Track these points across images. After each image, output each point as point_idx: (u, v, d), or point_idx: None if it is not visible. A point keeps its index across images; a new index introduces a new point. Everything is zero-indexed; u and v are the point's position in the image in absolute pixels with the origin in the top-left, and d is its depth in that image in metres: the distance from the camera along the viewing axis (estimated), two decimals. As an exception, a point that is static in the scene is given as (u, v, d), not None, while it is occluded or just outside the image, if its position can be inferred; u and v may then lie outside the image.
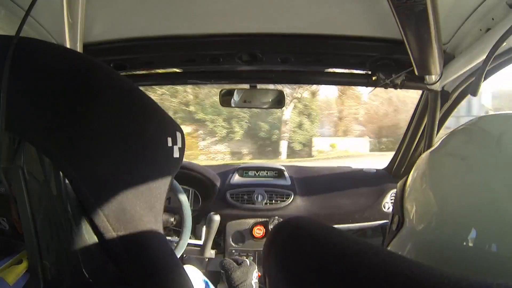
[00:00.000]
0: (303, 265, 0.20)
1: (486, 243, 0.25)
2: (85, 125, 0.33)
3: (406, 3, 0.50)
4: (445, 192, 0.30)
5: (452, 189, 0.30)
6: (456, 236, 0.27)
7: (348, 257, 0.19)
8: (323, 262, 0.20)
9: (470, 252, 0.26)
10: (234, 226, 1.27)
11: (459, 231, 0.27)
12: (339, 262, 0.19)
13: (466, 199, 0.28)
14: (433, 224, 0.30)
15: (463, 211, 0.28)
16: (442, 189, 0.31)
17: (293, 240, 0.23)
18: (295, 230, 0.24)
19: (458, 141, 0.35)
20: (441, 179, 0.32)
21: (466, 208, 0.28)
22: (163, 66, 1.09)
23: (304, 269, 0.20)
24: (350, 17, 0.86)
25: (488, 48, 0.63)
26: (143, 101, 0.38)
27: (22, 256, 0.35)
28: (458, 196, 0.29)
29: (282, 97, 1.16)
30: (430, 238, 0.29)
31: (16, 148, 0.32)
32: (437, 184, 0.32)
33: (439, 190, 0.31)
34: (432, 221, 0.30)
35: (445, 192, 0.30)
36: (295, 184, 1.33)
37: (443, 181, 0.31)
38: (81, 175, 0.33)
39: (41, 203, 0.33)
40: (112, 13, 0.85)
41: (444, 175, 0.32)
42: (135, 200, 0.36)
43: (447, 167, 0.32)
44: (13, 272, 0.34)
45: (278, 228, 0.26)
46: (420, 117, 1.25)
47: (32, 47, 0.34)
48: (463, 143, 0.34)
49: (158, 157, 0.38)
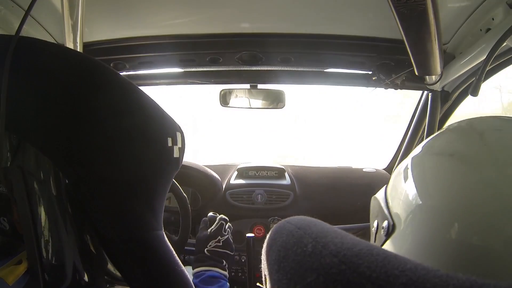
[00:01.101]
0: (304, 264, 0.20)
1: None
2: (84, 125, 0.33)
3: (406, 3, 0.50)
4: (439, 190, 0.31)
5: (446, 186, 0.31)
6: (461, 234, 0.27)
7: (349, 257, 0.19)
8: (324, 261, 0.19)
9: (458, 247, 0.27)
10: (234, 226, 1.26)
11: (460, 227, 0.28)
12: (340, 262, 0.19)
13: (465, 193, 0.29)
14: (430, 224, 0.30)
15: (465, 205, 0.28)
16: (434, 188, 0.32)
17: (294, 239, 0.23)
18: (296, 229, 0.24)
19: (444, 141, 0.37)
20: (432, 178, 0.33)
21: (468, 202, 0.28)
22: (163, 66, 1.09)
23: (305, 269, 0.20)
24: (350, 17, 0.86)
25: (488, 48, 0.63)
26: (143, 101, 0.38)
27: (22, 257, 0.35)
28: (455, 192, 0.30)
29: (282, 97, 1.15)
30: (431, 238, 0.29)
31: (16, 148, 0.32)
32: (428, 184, 0.33)
33: (431, 190, 0.32)
34: (429, 221, 0.30)
35: (439, 190, 0.31)
36: (295, 184, 1.33)
37: (435, 180, 0.32)
38: (81, 175, 0.33)
39: (41, 203, 0.33)
40: (112, 13, 0.85)
41: (435, 174, 0.33)
42: (135, 200, 0.36)
43: (437, 166, 0.33)
44: (13, 273, 0.34)
45: (279, 228, 0.26)
46: (420, 117, 1.25)
47: (32, 47, 0.34)
48: (449, 142, 0.36)
49: (158, 157, 0.38)
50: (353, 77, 1.10)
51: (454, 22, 0.81)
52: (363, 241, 0.21)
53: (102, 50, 0.97)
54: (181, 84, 1.17)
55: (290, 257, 0.22)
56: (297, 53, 1.00)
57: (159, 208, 0.39)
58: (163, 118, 0.40)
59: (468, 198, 0.28)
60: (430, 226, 0.30)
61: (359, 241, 0.21)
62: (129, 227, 0.36)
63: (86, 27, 0.81)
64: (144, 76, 1.12)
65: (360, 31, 0.91)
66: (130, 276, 0.38)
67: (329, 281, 0.18)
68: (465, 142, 0.34)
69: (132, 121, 0.36)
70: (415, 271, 0.17)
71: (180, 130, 0.42)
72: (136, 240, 0.36)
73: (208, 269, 0.70)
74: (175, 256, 0.40)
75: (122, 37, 0.95)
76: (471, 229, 0.27)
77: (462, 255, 0.27)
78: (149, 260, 0.37)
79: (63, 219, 0.34)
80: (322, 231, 0.22)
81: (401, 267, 0.17)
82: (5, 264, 0.35)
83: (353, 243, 0.20)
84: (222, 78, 1.12)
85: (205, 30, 0.93)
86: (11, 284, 0.33)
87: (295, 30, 0.93)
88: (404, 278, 0.17)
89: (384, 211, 0.36)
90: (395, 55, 0.97)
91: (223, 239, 0.75)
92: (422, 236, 0.30)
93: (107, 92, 0.35)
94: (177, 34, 0.94)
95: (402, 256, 0.19)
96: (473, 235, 0.27)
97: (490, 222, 0.27)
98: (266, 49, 0.98)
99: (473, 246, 0.27)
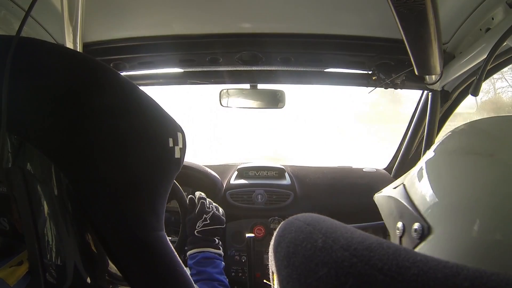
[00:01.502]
0: (315, 259, 0.21)
1: None
2: (85, 125, 0.33)
3: (406, 3, 0.50)
4: (478, 189, 0.30)
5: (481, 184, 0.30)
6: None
7: (360, 250, 0.19)
8: (335, 255, 0.20)
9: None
10: (234, 226, 1.27)
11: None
12: (352, 255, 0.19)
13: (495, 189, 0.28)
14: (469, 223, 0.29)
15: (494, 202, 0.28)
16: (473, 187, 0.30)
17: (303, 235, 0.23)
18: (305, 226, 0.24)
19: (469, 140, 0.35)
20: (472, 178, 0.31)
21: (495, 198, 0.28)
22: (163, 66, 1.09)
23: (316, 263, 0.20)
24: (350, 17, 0.86)
25: (488, 48, 0.63)
26: (144, 101, 0.38)
27: (23, 257, 0.35)
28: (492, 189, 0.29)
29: (282, 97, 1.15)
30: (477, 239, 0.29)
31: (17, 149, 0.32)
32: (465, 183, 0.31)
33: (470, 189, 0.30)
34: (467, 221, 0.29)
35: (477, 189, 0.30)
36: (295, 184, 1.33)
37: (471, 179, 0.31)
38: (82, 175, 0.33)
39: (42, 203, 0.33)
40: (112, 13, 0.85)
41: (469, 173, 0.31)
42: (136, 201, 0.36)
43: (468, 165, 0.32)
44: (14, 274, 0.34)
45: (287, 225, 0.26)
46: (420, 117, 1.25)
47: (32, 47, 0.34)
48: (474, 141, 0.34)
49: (159, 157, 0.38)
50: (353, 77, 1.10)
51: (454, 21, 0.81)
52: (372, 235, 0.21)
53: (102, 50, 0.97)
54: (181, 84, 1.17)
55: (300, 252, 0.22)
56: (297, 53, 1.00)
57: (160, 208, 0.39)
58: (164, 119, 0.40)
59: (495, 194, 0.28)
60: (469, 226, 0.29)
61: (368, 235, 0.21)
62: (130, 227, 0.36)
63: (86, 27, 0.81)
64: (144, 76, 1.12)
65: (360, 31, 0.92)
66: (131, 277, 0.38)
67: (340, 274, 0.19)
68: (485, 140, 0.33)
69: (133, 121, 0.36)
70: (426, 262, 0.17)
71: (181, 130, 0.42)
72: (137, 240, 0.36)
73: (201, 250, 0.69)
74: (176, 257, 0.40)
75: (122, 37, 0.95)
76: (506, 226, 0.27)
77: (502, 253, 0.27)
78: (150, 260, 0.37)
79: (64, 219, 0.34)
80: (331, 226, 0.23)
81: (411, 259, 0.18)
82: (5, 264, 0.35)
83: (363, 237, 0.21)
84: (222, 78, 1.12)
85: (205, 30, 0.93)
86: (12, 285, 0.33)
87: (295, 30, 0.93)
88: (415, 269, 0.17)
89: (412, 212, 0.34)
90: (395, 55, 0.97)
91: (209, 216, 0.74)
92: (462, 237, 0.29)
93: (107, 92, 0.35)
94: (177, 34, 0.94)
95: (413, 250, 0.19)
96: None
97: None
98: (266, 49, 0.98)
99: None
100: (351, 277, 0.18)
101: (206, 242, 0.71)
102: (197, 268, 0.66)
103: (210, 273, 0.65)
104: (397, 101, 3.59)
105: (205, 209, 0.75)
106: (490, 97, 3.57)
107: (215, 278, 0.65)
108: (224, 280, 0.66)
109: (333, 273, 0.19)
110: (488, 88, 3.46)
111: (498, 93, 3.65)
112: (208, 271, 0.65)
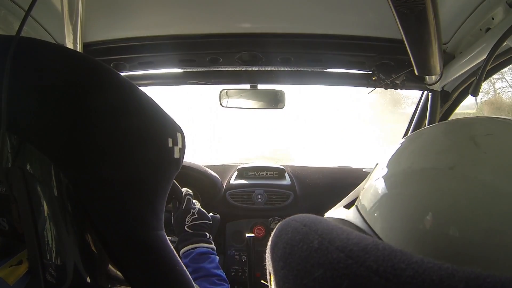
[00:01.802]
0: (310, 260, 0.21)
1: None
2: (85, 125, 0.33)
3: (406, 3, 0.50)
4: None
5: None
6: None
7: (355, 252, 0.19)
8: (331, 257, 0.20)
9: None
10: (234, 226, 1.27)
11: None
12: (347, 257, 0.19)
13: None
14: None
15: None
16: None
17: (300, 236, 0.23)
18: (301, 227, 0.24)
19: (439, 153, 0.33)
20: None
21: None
22: (163, 66, 1.09)
23: (312, 264, 0.20)
24: (350, 17, 0.86)
25: (488, 48, 0.63)
26: (143, 101, 0.38)
27: (22, 257, 0.35)
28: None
29: (282, 97, 1.15)
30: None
31: (17, 149, 0.32)
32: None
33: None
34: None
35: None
36: (295, 184, 1.33)
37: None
38: (82, 175, 0.33)
39: (42, 203, 0.33)
40: (112, 13, 0.85)
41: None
42: (136, 201, 0.36)
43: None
44: (14, 273, 0.34)
45: (284, 226, 0.26)
46: (420, 117, 1.25)
47: (32, 47, 0.34)
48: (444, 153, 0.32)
49: (158, 157, 0.38)
50: (353, 77, 1.10)
51: (454, 21, 0.81)
52: (369, 237, 0.21)
53: (102, 50, 0.97)
54: (181, 84, 1.17)
55: (296, 253, 0.22)
56: (297, 53, 1.00)
57: (159, 208, 0.39)
58: (163, 119, 0.40)
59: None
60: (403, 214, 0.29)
61: (364, 237, 0.21)
62: (130, 227, 0.36)
63: (86, 27, 0.81)
64: (144, 76, 1.12)
65: (360, 31, 0.92)
66: (131, 276, 0.38)
67: (336, 275, 0.19)
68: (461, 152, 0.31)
69: (132, 121, 0.36)
70: (421, 264, 0.17)
71: (181, 130, 0.42)
72: (137, 240, 0.36)
73: (195, 246, 0.68)
74: (176, 256, 0.40)
75: (122, 37, 0.95)
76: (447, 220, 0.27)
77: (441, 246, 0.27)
78: (150, 260, 0.37)
79: (64, 219, 0.34)
80: (328, 227, 0.23)
81: (407, 261, 0.18)
82: (4, 264, 0.35)
83: (359, 238, 0.20)
84: (222, 78, 1.12)
85: (205, 30, 0.93)
86: (12, 284, 0.33)
87: (295, 30, 0.93)
88: (411, 271, 0.17)
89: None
90: (395, 55, 0.97)
91: (196, 211, 0.74)
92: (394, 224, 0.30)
93: (107, 92, 0.35)
94: (177, 34, 0.94)
95: (410, 252, 0.19)
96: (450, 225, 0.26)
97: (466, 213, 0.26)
98: (266, 49, 0.98)
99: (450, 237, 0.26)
100: (346, 279, 0.18)
101: (198, 238, 0.70)
102: (194, 265, 0.65)
103: (207, 269, 0.64)
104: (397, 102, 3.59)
105: (191, 204, 0.75)
106: (490, 97, 3.58)
107: (213, 274, 0.64)
108: (222, 274, 0.66)
109: (328, 275, 0.19)
110: (488, 88, 3.46)
111: (498, 93, 3.65)
112: (205, 267, 0.65)
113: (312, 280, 0.19)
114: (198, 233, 0.71)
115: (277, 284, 0.23)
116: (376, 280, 0.17)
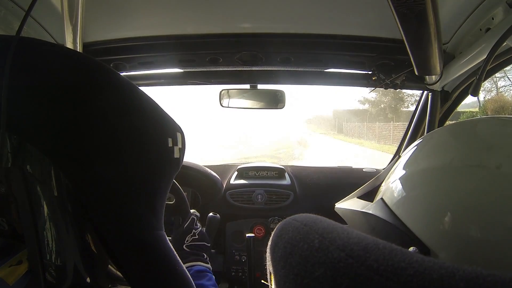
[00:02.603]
0: (311, 259, 0.21)
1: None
2: (84, 125, 0.33)
3: (406, 3, 0.50)
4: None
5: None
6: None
7: (356, 251, 0.19)
8: (331, 256, 0.20)
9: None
10: (234, 226, 1.27)
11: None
12: (348, 256, 0.19)
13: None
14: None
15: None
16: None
17: (300, 236, 0.23)
18: (302, 226, 0.24)
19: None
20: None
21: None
22: (163, 66, 1.09)
23: (312, 264, 0.20)
24: (350, 17, 0.86)
25: (488, 48, 0.63)
26: (143, 101, 0.38)
27: (22, 257, 0.35)
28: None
29: (282, 97, 1.15)
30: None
31: (17, 149, 0.32)
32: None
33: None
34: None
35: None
36: (295, 184, 1.33)
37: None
38: (82, 175, 0.33)
39: (42, 204, 0.33)
40: (112, 13, 0.85)
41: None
42: (136, 201, 0.36)
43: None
44: (14, 273, 0.34)
45: (284, 225, 0.26)
46: (420, 117, 1.25)
47: (32, 47, 0.34)
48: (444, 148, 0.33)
49: (158, 157, 0.38)
50: (353, 77, 1.10)
51: (454, 21, 0.81)
52: (369, 236, 0.21)
53: (102, 50, 0.97)
54: (181, 84, 1.17)
55: (296, 253, 0.22)
56: (297, 53, 1.00)
57: (159, 208, 0.39)
58: (163, 119, 0.40)
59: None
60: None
61: (365, 236, 0.21)
62: (130, 227, 0.36)
63: (86, 27, 0.81)
64: (144, 76, 1.12)
65: (360, 31, 0.92)
66: (131, 276, 0.38)
67: (336, 274, 0.19)
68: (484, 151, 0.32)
69: (132, 121, 0.36)
70: (422, 263, 0.17)
71: (181, 130, 0.42)
72: (137, 240, 0.36)
73: (193, 264, 0.69)
74: (176, 256, 0.40)
75: (122, 37, 0.95)
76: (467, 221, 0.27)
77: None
78: (150, 260, 0.37)
79: (64, 219, 0.34)
80: (328, 227, 0.23)
81: (407, 260, 0.18)
82: (4, 264, 0.35)
83: (359, 238, 0.20)
84: (222, 78, 1.12)
85: (205, 30, 0.93)
86: (12, 284, 0.33)
87: (295, 30, 0.93)
88: (411, 270, 0.17)
89: (404, 233, 0.33)
90: (395, 55, 0.97)
91: (198, 232, 0.75)
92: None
93: (107, 92, 0.35)
94: (177, 34, 0.94)
95: (411, 251, 0.19)
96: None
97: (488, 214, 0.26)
98: (266, 49, 0.98)
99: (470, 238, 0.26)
100: (347, 278, 0.18)
101: (196, 257, 0.71)
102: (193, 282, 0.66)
103: (206, 286, 0.64)
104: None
105: (194, 225, 0.76)
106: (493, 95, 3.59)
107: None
108: None
109: (329, 274, 0.19)
110: (491, 87, 3.47)
111: (501, 92, 3.66)
112: (205, 284, 0.65)
113: (313, 280, 0.19)
114: (196, 252, 0.72)
115: (278, 283, 0.23)
116: (377, 279, 0.17)
